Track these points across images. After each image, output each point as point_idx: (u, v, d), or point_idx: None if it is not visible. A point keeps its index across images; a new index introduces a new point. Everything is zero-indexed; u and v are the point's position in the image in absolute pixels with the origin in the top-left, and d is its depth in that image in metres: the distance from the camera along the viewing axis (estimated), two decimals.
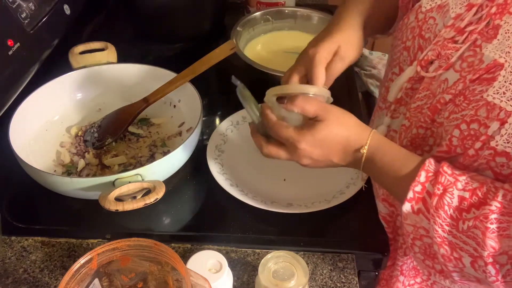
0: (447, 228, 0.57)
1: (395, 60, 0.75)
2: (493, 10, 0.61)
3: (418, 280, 0.80)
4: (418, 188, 0.59)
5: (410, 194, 0.59)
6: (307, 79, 0.71)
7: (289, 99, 0.66)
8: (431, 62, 0.67)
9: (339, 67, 0.71)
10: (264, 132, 0.70)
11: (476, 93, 0.59)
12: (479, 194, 0.57)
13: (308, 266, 0.73)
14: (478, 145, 0.59)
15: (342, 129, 0.64)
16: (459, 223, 0.57)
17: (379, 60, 1.69)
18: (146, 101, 0.89)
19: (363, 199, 0.82)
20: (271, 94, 0.70)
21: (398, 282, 0.80)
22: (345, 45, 0.71)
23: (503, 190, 0.56)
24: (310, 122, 0.65)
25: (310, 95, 0.68)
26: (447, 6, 0.67)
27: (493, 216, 0.54)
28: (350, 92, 1.06)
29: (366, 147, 0.63)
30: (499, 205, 0.55)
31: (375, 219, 0.81)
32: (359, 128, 0.65)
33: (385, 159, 0.63)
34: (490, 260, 0.55)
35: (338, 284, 0.72)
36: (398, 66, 0.74)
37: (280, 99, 0.69)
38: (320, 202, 0.80)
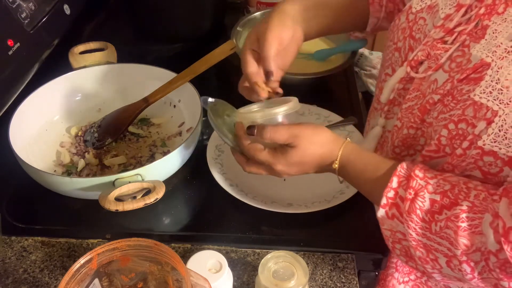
0: (420, 231, 0.58)
1: (387, 61, 0.75)
2: (482, 11, 0.61)
3: (412, 277, 0.80)
4: (391, 193, 0.61)
5: (384, 200, 0.61)
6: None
7: (258, 129, 0.68)
8: (421, 63, 0.67)
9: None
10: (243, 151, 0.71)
11: (464, 93, 0.60)
12: (450, 195, 0.57)
13: (308, 266, 0.73)
14: (465, 144, 0.59)
15: (314, 148, 0.67)
16: (431, 225, 0.58)
17: (379, 60, 1.68)
18: (146, 101, 0.89)
19: (363, 199, 0.82)
20: (242, 121, 0.71)
21: (393, 279, 0.80)
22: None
23: (475, 191, 0.57)
24: (283, 147, 0.68)
25: (279, 119, 0.70)
26: (436, 6, 0.67)
27: (464, 215, 0.55)
28: (350, 92, 1.06)
29: (337, 161, 0.67)
30: (470, 205, 0.56)
31: (375, 219, 0.81)
32: (330, 144, 0.67)
33: (357, 168, 0.66)
34: (464, 258, 0.56)
35: (338, 284, 0.72)
36: (391, 67, 0.74)
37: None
38: (320, 202, 0.80)
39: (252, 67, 0.74)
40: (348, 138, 0.68)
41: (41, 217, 0.82)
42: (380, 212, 0.62)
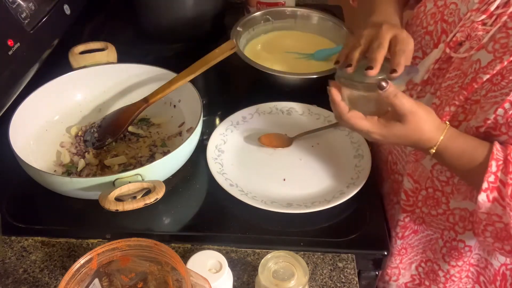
0: None
1: (416, 45, 0.75)
2: None
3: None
4: (491, 178, 0.64)
5: (485, 185, 0.64)
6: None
7: (390, 87, 0.65)
8: (460, 44, 0.70)
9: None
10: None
11: None
12: None
13: (308, 266, 0.73)
14: None
15: (421, 132, 0.67)
16: None
17: None
18: (146, 101, 0.89)
19: (363, 199, 0.82)
20: (358, 69, 0.68)
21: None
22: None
23: None
24: (387, 117, 0.68)
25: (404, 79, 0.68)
26: None
27: None
28: None
29: (434, 148, 0.68)
30: None
31: (376, 219, 0.81)
32: (434, 132, 0.67)
33: (454, 154, 0.68)
34: None
35: (338, 284, 0.72)
36: (421, 50, 0.77)
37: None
38: (320, 202, 0.80)
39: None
40: (448, 123, 0.69)
41: (41, 217, 0.82)
42: (481, 196, 0.65)
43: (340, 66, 0.71)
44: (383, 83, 0.65)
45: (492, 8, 0.66)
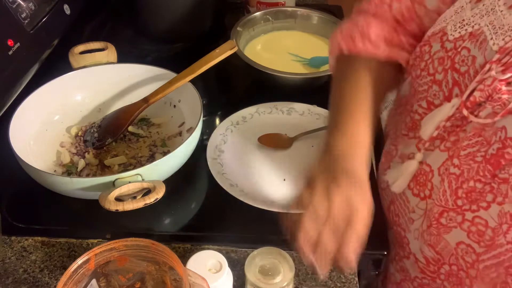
0: None
1: (421, 93, 0.68)
2: None
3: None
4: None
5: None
6: None
7: None
8: (479, 104, 0.58)
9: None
10: None
11: None
12: None
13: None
14: None
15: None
16: None
17: None
18: (146, 101, 0.89)
19: None
20: None
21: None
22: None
23: None
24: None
25: None
26: (482, 35, 0.58)
27: None
28: None
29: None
30: None
31: (376, 219, 0.80)
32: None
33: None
34: None
35: (338, 284, 0.72)
36: (426, 100, 0.67)
37: None
38: None
39: None
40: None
41: (41, 217, 0.82)
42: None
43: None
44: None
45: None
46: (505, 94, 0.55)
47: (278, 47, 1.14)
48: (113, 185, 0.73)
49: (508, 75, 0.55)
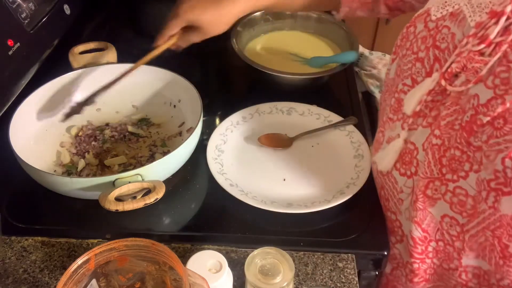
0: None
1: (406, 71, 0.71)
2: None
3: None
4: None
5: None
6: None
7: None
8: (456, 75, 0.62)
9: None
10: None
11: None
12: None
13: (308, 266, 0.73)
14: None
15: None
16: None
17: (379, 60, 1.68)
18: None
19: (364, 199, 0.82)
20: None
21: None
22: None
23: None
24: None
25: None
26: (461, 13, 0.62)
27: None
28: (350, 92, 1.06)
29: None
30: None
31: (376, 219, 0.81)
32: None
33: None
34: None
35: (338, 284, 0.72)
36: (410, 77, 0.70)
37: None
38: (320, 202, 0.80)
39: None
40: None
41: (41, 217, 0.82)
42: None
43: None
44: None
45: (492, 35, 0.57)
46: (478, 63, 0.59)
47: (278, 47, 1.14)
48: (113, 185, 0.73)
49: (482, 46, 0.59)
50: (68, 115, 0.87)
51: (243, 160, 0.89)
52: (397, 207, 0.76)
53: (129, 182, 0.72)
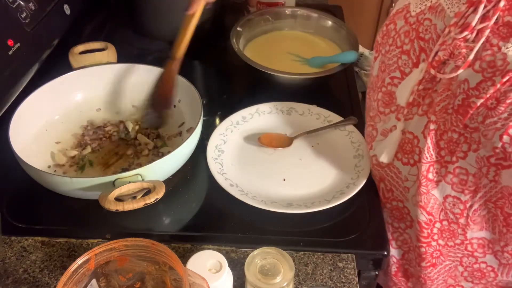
0: None
1: (391, 65, 0.74)
2: (502, 4, 0.58)
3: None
4: None
5: None
6: None
7: None
8: (444, 63, 0.65)
9: None
10: None
11: None
12: None
13: (308, 266, 0.73)
14: None
15: None
16: None
17: None
18: (174, 58, 0.86)
19: (363, 199, 0.82)
20: None
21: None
22: None
23: None
24: None
25: None
26: (439, 6, 0.66)
27: None
28: (350, 92, 1.06)
29: None
30: None
31: (376, 219, 0.81)
32: None
33: None
34: None
35: (338, 284, 0.72)
36: (398, 70, 0.73)
37: None
38: (320, 202, 0.80)
39: None
40: None
41: (41, 217, 0.82)
42: None
43: None
44: None
45: (473, 23, 0.61)
46: (464, 49, 0.63)
47: (278, 47, 1.14)
48: (113, 185, 0.73)
49: (465, 33, 0.62)
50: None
51: (243, 160, 0.89)
52: (403, 195, 0.78)
53: (129, 182, 0.72)
